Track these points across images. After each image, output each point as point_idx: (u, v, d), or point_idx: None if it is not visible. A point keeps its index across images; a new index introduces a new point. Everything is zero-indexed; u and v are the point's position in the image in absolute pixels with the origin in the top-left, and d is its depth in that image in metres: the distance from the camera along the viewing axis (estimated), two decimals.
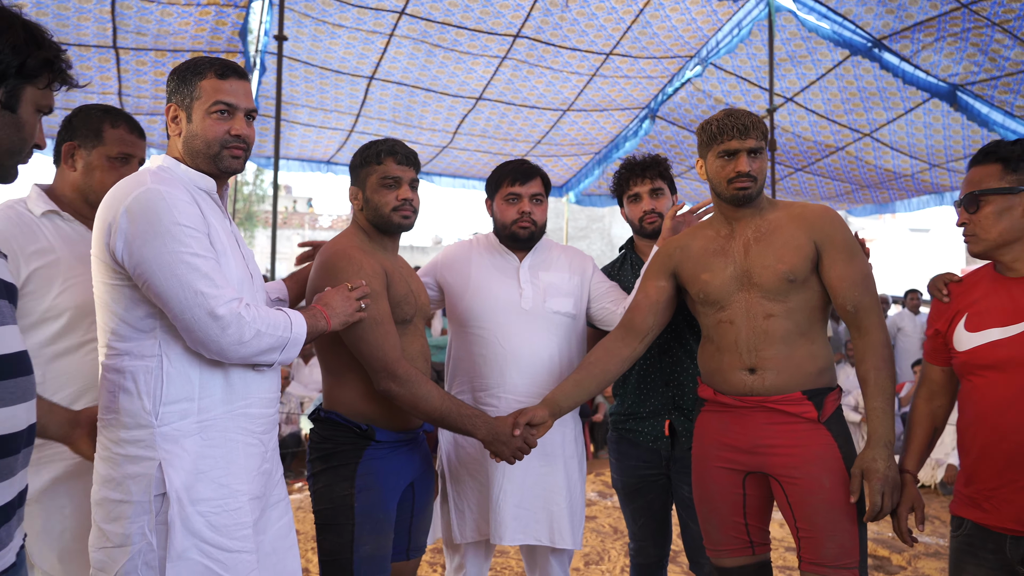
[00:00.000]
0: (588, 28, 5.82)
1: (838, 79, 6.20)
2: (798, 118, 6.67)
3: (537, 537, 2.40)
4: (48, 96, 1.40)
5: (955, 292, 2.01)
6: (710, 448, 2.19)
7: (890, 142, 6.71)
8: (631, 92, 6.67)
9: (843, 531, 2.00)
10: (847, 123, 6.60)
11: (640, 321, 2.29)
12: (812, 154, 7.07)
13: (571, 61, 6.16)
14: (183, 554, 1.58)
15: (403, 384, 2.03)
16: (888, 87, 6.18)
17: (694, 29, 5.96)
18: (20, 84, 1.34)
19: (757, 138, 2.15)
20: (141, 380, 1.63)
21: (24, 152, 1.40)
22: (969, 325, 1.88)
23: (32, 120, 1.39)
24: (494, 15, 5.64)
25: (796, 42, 6.01)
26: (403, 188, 2.20)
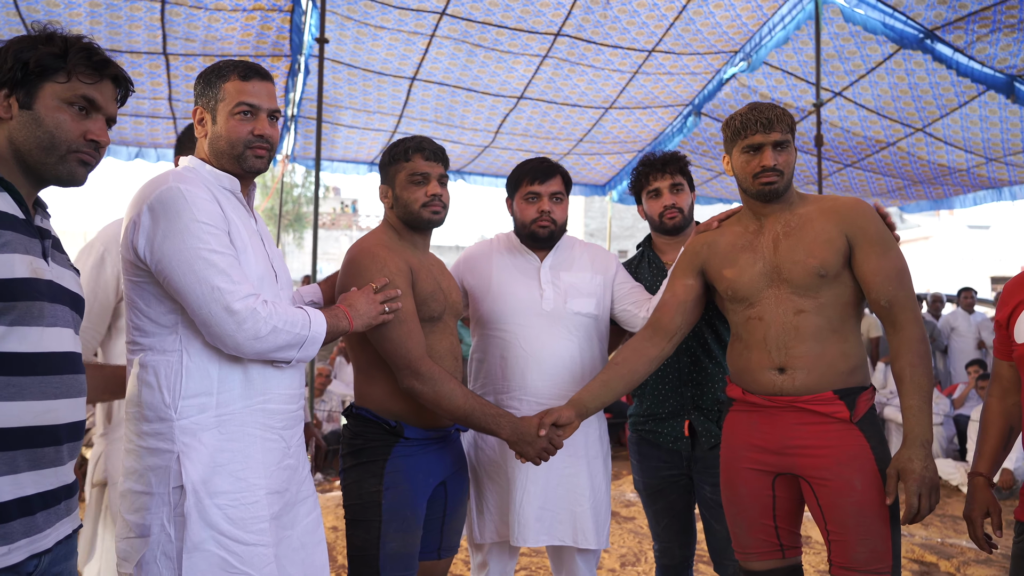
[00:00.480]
0: (630, 25, 5.78)
1: (888, 73, 6.05)
2: (847, 113, 6.52)
3: (560, 538, 2.40)
4: (75, 87, 1.46)
5: (1013, 284, 1.99)
6: (739, 449, 2.16)
7: (944, 136, 6.52)
8: (674, 89, 6.61)
9: (875, 534, 1.96)
10: (898, 118, 6.44)
11: (668, 320, 2.27)
12: (862, 149, 6.91)
13: (613, 58, 6.13)
14: (200, 545, 1.62)
15: (426, 382, 2.05)
16: (941, 80, 6.01)
17: (739, 25, 5.88)
18: (36, 83, 1.43)
19: (783, 131, 2.11)
20: (162, 374, 1.68)
21: (61, 149, 1.46)
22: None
23: (55, 115, 1.45)
24: (535, 14, 5.64)
25: (844, 36, 5.88)
26: (432, 184, 2.22)
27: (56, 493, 1.45)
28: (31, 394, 1.38)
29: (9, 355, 1.36)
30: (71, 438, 1.48)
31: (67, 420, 1.46)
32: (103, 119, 1.53)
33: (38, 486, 1.40)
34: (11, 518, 1.35)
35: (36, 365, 1.39)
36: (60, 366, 1.45)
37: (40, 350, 1.40)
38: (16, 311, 1.36)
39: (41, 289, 1.42)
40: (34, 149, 1.46)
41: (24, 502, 1.37)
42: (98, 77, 1.50)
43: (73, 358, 1.49)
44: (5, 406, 1.35)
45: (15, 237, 1.39)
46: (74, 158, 1.49)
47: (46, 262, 1.47)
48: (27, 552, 1.39)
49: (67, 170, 1.49)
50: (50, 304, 1.44)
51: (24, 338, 1.37)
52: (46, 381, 1.41)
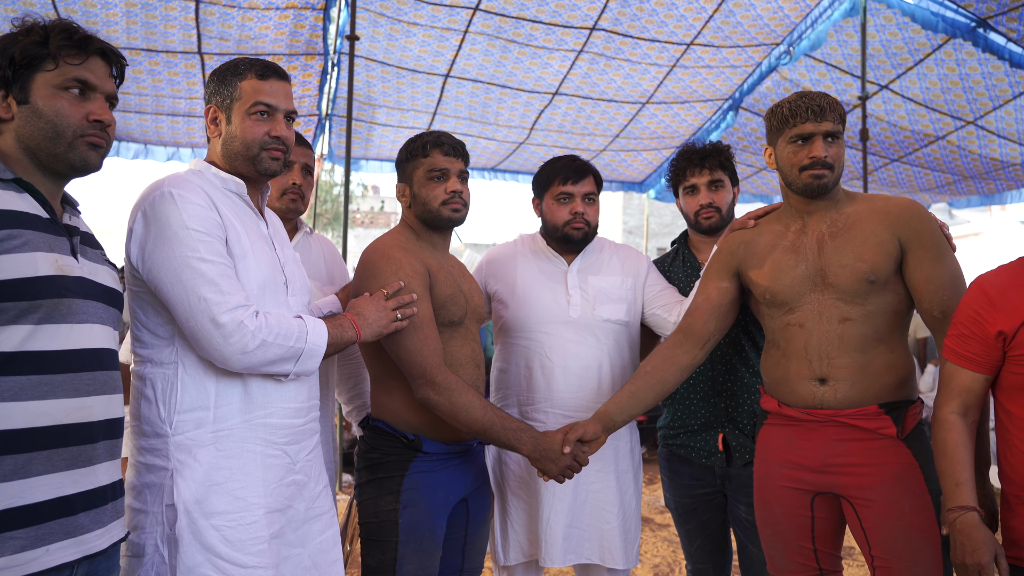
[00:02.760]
0: (668, 18, 5.64)
1: (938, 65, 5.81)
2: (894, 106, 6.29)
3: (588, 557, 2.29)
4: (65, 71, 1.45)
5: (1010, 289, 1.74)
6: (774, 466, 2.03)
7: (997, 129, 6.25)
8: (713, 83, 6.44)
9: (925, 562, 1.81)
10: (948, 111, 6.18)
11: (700, 326, 2.14)
12: (909, 144, 6.66)
13: (650, 53, 5.98)
14: (195, 569, 1.56)
15: (442, 392, 1.95)
16: (994, 71, 5.75)
17: (781, 16, 5.70)
18: (28, 76, 1.43)
19: (834, 121, 1.96)
20: (159, 388, 1.62)
21: (67, 136, 1.45)
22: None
23: (52, 102, 1.44)
24: (570, 8, 5.52)
25: (891, 29, 5.66)
26: (452, 180, 2.12)
27: (101, 492, 1.45)
28: (63, 392, 1.39)
29: (38, 353, 1.36)
30: (108, 436, 1.49)
31: (102, 417, 1.46)
32: (102, 97, 1.51)
33: (77, 485, 1.40)
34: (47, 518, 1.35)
35: (67, 362, 1.40)
36: (92, 363, 1.45)
37: (70, 347, 1.41)
38: (43, 309, 1.36)
39: (69, 286, 1.42)
40: (41, 141, 1.45)
41: (64, 502, 1.37)
42: (84, 55, 1.48)
43: (106, 354, 1.49)
44: (37, 405, 1.35)
45: (36, 236, 1.39)
46: (82, 143, 1.48)
47: (75, 259, 1.47)
48: (76, 553, 1.39)
49: (78, 156, 1.47)
50: (81, 300, 1.44)
51: (53, 336, 1.38)
52: (78, 378, 1.41)
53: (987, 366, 1.75)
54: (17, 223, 1.37)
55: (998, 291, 1.72)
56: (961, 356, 1.78)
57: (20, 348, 1.34)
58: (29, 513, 1.33)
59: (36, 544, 1.33)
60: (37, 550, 1.33)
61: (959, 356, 1.78)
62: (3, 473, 1.31)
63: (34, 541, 1.33)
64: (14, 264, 1.34)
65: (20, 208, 1.39)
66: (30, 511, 1.33)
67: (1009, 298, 1.71)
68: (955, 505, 1.69)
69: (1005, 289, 1.72)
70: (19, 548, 1.32)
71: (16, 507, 1.32)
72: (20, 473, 1.33)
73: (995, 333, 1.72)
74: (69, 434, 1.39)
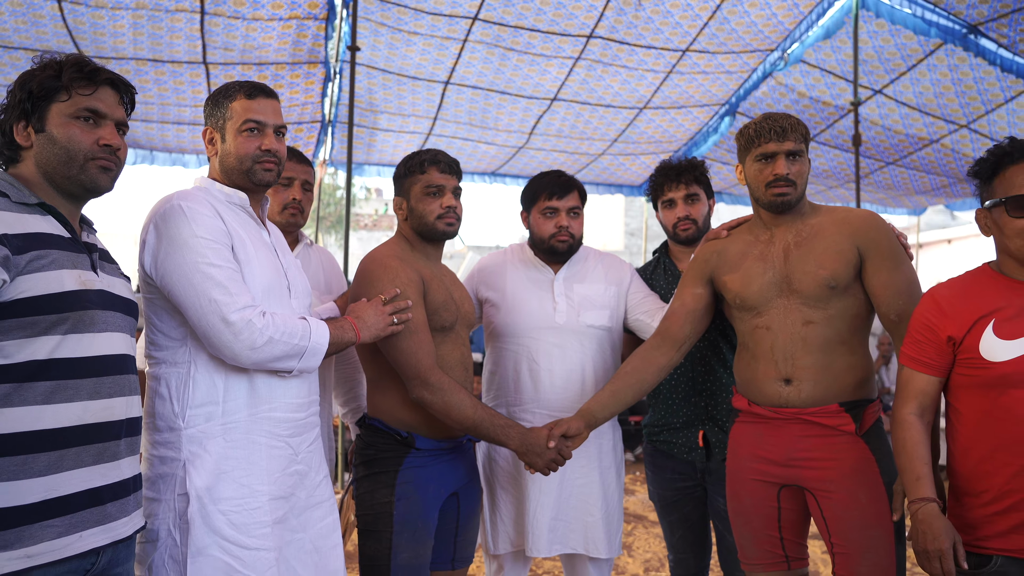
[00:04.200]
0: (663, 26, 5.78)
1: (930, 70, 5.95)
2: (888, 111, 6.42)
3: (572, 547, 2.45)
4: (76, 101, 1.61)
5: (958, 297, 1.88)
6: (744, 460, 2.19)
7: (990, 133, 6.38)
8: (710, 88, 6.58)
9: (880, 549, 1.97)
10: (942, 115, 6.32)
11: (677, 329, 2.30)
12: (904, 147, 6.80)
13: (646, 59, 6.13)
14: (204, 550, 1.72)
15: (435, 392, 2.11)
16: (986, 76, 5.89)
17: (775, 23, 5.84)
18: (44, 107, 1.59)
19: (796, 141, 2.12)
20: (173, 385, 1.78)
21: (79, 160, 1.60)
22: (1001, 332, 1.79)
23: (66, 130, 1.60)
24: (567, 16, 5.67)
25: (883, 35, 5.80)
26: (447, 196, 2.28)
27: (124, 484, 1.62)
28: (88, 394, 1.55)
29: (67, 360, 1.52)
30: (129, 433, 1.66)
31: (123, 416, 1.63)
32: (112, 124, 1.66)
33: (105, 478, 1.57)
34: (78, 508, 1.51)
35: (91, 368, 1.56)
36: (113, 367, 1.61)
37: (93, 354, 1.56)
38: (70, 321, 1.52)
39: (91, 299, 1.57)
40: (56, 166, 1.60)
41: (94, 493, 1.54)
42: (94, 86, 1.64)
43: (125, 360, 1.66)
44: (66, 407, 1.51)
45: (62, 254, 1.55)
46: (93, 166, 1.63)
47: (96, 273, 1.63)
48: (105, 539, 1.56)
49: (89, 178, 1.63)
50: (102, 311, 1.60)
51: (78, 344, 1.53)
52: (100, 382, 1.57)
53: (939, 369, 1.90)
54: (44, 244, 1.53)
55: (948, 301, 1.88)
56: (917, 361, 1.93)
57: (51, 356, 1.50)
58: (63, 504, 1.50)
59: (71, 531, 1.50)
60: (71, 536, 1.50)
61: (915, 361, 1.93)
62: (39, 468, 1.47)
63: (68, 528, 1.50)
64: (44, 281, 1.50)
65: (45, 230, 1.55)
66: (64, 502, 1.50)
67: (957, 307, 1.86)
68: (916, 497, 1.83)
69: (954, 299, 1.87)
70: (56, 535, 1.48)
71: (52, 498, 1.48)
72: (54, 468, 1.49)
73: (946, 339, 1.86)
74: (95, 432, 1.56)
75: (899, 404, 1.94)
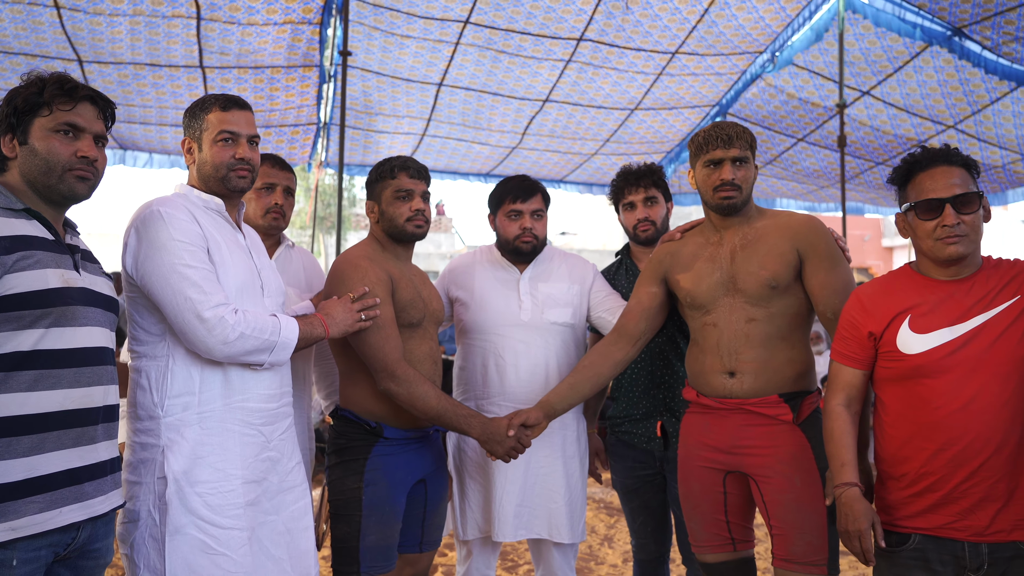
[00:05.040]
0: (652, 29, 5.92)
1: (916, 71, 6.07)
2: (876, 111, 6.55)
3: (537, 532, 2.61)
4: (57, 116, 1.77)
5: (879, 296, 2.03)
6: (693, 448, 2.35)
7: (977, 133, 6.50)
8: (700, 89, 6.72)
9: (813, 529, 2.12)
10: (928, 115, 6.44)
11: (633, 326, 2.46)
12: (892, 147, 6.92)
13: (636, 61, 6.27)
14: (181, 529, 1.88)
15: (401, 384, 2.27)
16: (971, 77, 6.01)
17: (762, 26, 5.97)
18: (28, 121, 1.76)
19: (742, 148, 2.27)
20: (152, 377, 1.95)
21: (57, 170, 1.76)
22: (916, 327, 1.94)
23: (46, 143, 1.76)
24: (557, 20, 5.82)
25: (870, 38, 5.93)
26: (416, 199, 2.45)
27: (101, 466, 1.79)
28: (68, 383, 1.71)
29: (49, 352, 1.69)
30: (107, 419, 1.82)
31: (101, 404, 1.79)
32: (90, 137, 1.82)
33: (83, 460, 1.73)
34: (59, 486, 1.69)
35: (72, 359, 1.72)
36: (93, 359, 1.77)
37: (74, 346, 1.73)
38: (52, 315, 1.69)
39: (73, 295, 1.74)
40: (38, 175, 1.77)
41: (72, 473, 1.71)
42: (73, 102, 1.80)
43: (104, 352, 1.82)
44: (48, 394, 1.68)
45: (46, 255, 1.72)
46: (70, 176, 1.79)
47: (78, 272, 1.79)
48: (79, 515, 1.72)
49: (67, 187, 1.79)
50: (83, 307, 1.76)
51: (60, 337, 1.70)
52: (80, 372, 1.74)
53: (863, 363, 2.05)
54: (29, 245, 1.70)
55: (870, 298, 2.03)
56: (844, 355, 2.08)
57: (34, 348, 1.67)
58: (44, 482, 1.66)
59: (51, 507, 1.67)
60: (52, 512, 1.66)
61: (842, 355, 2.08)
62: (22, 450, 1.64)
63: (49, 504, 1.67)
64: (29, 279, 1.67)
65: (31, 233, 1.72)
66: (45, 480, 1.66)
67: (878, 304, 2.01)
68: (840, 482, 1.99)
69: (875, 297, 2.03)
70: (37, 510, 1.65)
71: (34, 477, 1.65)
72: (36, 450, 1.66)
73: (867, 334, 2.02)
74: (75, 418, 1.72)
75: (828, 396, 2.09)
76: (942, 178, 1.90)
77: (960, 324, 1.89)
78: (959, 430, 1.86)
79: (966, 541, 1.88)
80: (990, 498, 1.85)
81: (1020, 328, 1.87)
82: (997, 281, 1.92)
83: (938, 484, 1.89)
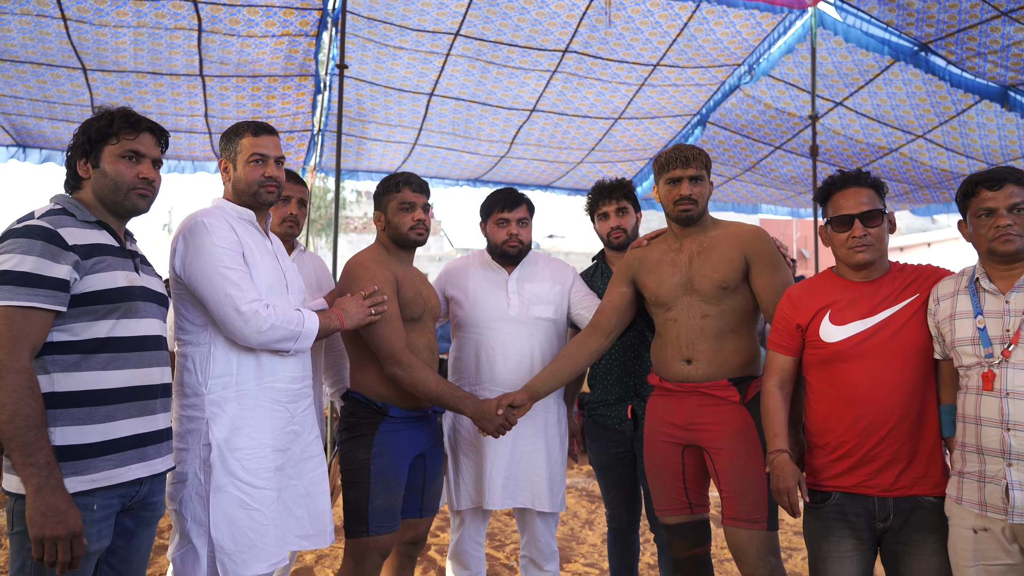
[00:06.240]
0: (634, 41, 6.35)
1: (886, 84, 6.52)
2: (849, 121, 7.00)
3: (522, 502, 3.04)
4: (123, 144, 2.19)
5: (805, 294, 2.47)
6: (656, 426, 2.78)
7: (944, 143, 6.96)
8: (681, 100, 7.16)
9: (755, 492, 2.57)
10: (899, 125, 6.90)
11: (605, 321, 2.90)
12: (865, 155, 7.39)
13: (619, 72, 6.69)
14: (222, 488, 2.30)
15: (405, 369, 2.70)
16: (937, 90, 6.46)
17: (740, 40, 6.41)
18: (99, 148, 2.17)
19: (697, 167, 2.72)
20: (197, 361, 2.37)
21: (124, 189, 2.18)
22: (835, 320, 2.39)
23: (114, 167, 2.18)
24: (543, 33, 6.23)
25: (842, 52, 6.37)
26: (417, 211, 2.88)
27: (160, 433, 2.22)
28: (133, 364, 2.13)
29: (118, 339, 2.11)
30: (163, 395, 2.25)
31: (159, 382, 2.23)
32: (149, 161, 2.25)
33: (146, 427, 2.16)
34: (128, 448, 2.11)
35: (135, 344, 2.14)
36: (151, 344, 2.20)
37: (137, 334, 2.15)
38: (121, 309, 2.11)
39: (136, 293, 2.17)
40: (107, 193, 2.20)
41: (138, 438, 2.14)
42: (136, 132, 2.22)
43: (159, 339, 2.26)
44: (118, 373, 2.10)
45: (114, 259, 2.15)
46: (134, 194, 2.21)
47: (138, 273, 2.22)
48: (143, 472, 2.15)
49: (131, 203, 2.22)
50: (143, 303, 2.19)
51: (127, 327, 2.12)
52: (142, 356, 2.16)
53: (793, 351, 2.50)
54: (102, 252, 2.11)
55: (798, 297, 2.49)
56: (777, 344, 2.53)
57: (108, 335, 2.09)
58: (116, 444, 2.08)
59: (121, 464, 2.09)
60: (122, 468, 2.08)
61: (776, 344, 2.53)
62: (99, 417, 2.06)
63: (120, 462, 2.08)
64: (103, 279, 2.09)
65: (103, 241, 2.14)
66: (117, 443, 2.08)
67: (805, 301, 2.46)
68: (773, 449, 2.43)
69: (802, 295, 2.48)
70: (112, 467, 2.07)
71: (108, 440, 2.07)
72: (110, 418, 2.08)
73: (795, 326, 2.46)
74: (138, 393, 2.14)
75: (764, 379, 2.55)
76: (853, 197, 2.36)
77: (870, 317, 2.34)
78: (869, 405, 2.31)
79: (876, 496, 2.32)
80: (895, 460, 2.30)
81: (918, 320, 2.33)
82: (901, 282, 2.38)
83: (853, 450, 2.34)
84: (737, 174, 7.98)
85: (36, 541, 1.90)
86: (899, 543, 2.30)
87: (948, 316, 2.26)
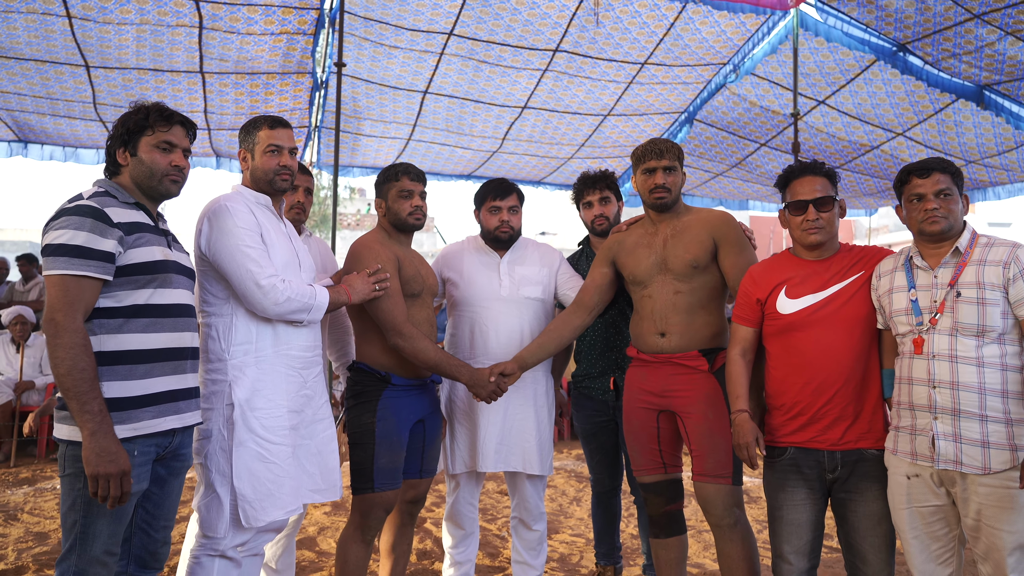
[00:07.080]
0: (622, 41, 6.69)
1: (867, 83, 6.86)
2: (831, 119, 7.35)
3: (513, 465, 3.38)
4: (158, 135, 2.51)
5: (764, 271, 2.82)
6: (634, 393, 3.13)
7: (923, 140, 7.31)
8: (668, 97, 7.50)
9: (720, 451, 2.91)
10: (879, 123, 7.24)
11: (588, 299, 3.24)
12: (847, 152, 7.75)
13: (608, 71, 7.03)
14: (243, 443, 2.63)
15: (406, 340, 3.04)
16: (916, 89, 6.80)
17: (725, 39, 6.74)
18: (136, 138, 2.50)
19: (671, 159, 3.06)
20: (220, 330, 2.70)
21: (158, 175, 2.51)
22: (790, 294, 2.74)
23: (150, 155, 2.50)
24: (534, 32, 6.55)
25: (823, 52, 6.71)
26: (415, 198, 3.22)
27: (189, 391, 2.55)
28: (168, 328, 2.47)
29: (156, 305, 2.44)
30: (193, 357, 2.58)
31: (189, 345, 2.56)
32: (180, 151, 2.58)
33: (180, 384, 2.49)
34: (163, 401, 2.44)
35: (170, 311, 2.47)
36: (182, 312, 2.53)
37: (171, 302, 2.48)
38: (158, 280, 2.44)
39: (170, 266, 2.50)
40: (143, 179, 2.53)
41: (172, 393, 2.47)
42: (169, 125, 2.55)
43: (189, 308, 2.59)
44: (156, 335, 2.43)
45: (152, 236, 2.48)
46: (167, 180, 2.55)
47: (170, 249, 2.55)
48: (176, 424, 2.47)
49: (164, 188, 2.56)
50: (176, 275, 2.52)
51: (163, 295, 2.46)
52: (176, 321, 2.50)
53: (753, 322, 2.84)
54: (141, 229, 2.44)
55: (759, 274, 2.84)
56: (740, 317, 2.88)
57: (147, 302, 2.41)
58: (154, 398, 2.40)
59: (158, 416, 2.41)
60: (158, 419, 2.41)
61: (739, 317, 2.89)
62: (139, 374, 2.38)
63: (157, 414, 2.41)
64: (143, 253, 2.41)
65: (141, 220, 2.46)
66: (155, 397, 2.40)
67: (764, 277, 2.82)
68: (735, 410, 2.78)
69: (762, 272, 2.84)
70: (150, 417, 2.39)
71: (147, 394, 2.39)
72: (148, 375, 2.40)
73: (755, 300, 2.82)
74: (173, 354, 2.47)
75: (729, 348, 2.91)
76: (808, 184, 2.72)
77: (821, 291, 2.70)
78: (819, 368, 2.66)
79: (826, 450, 2.67)
80: (842, 418, 2.65)
81: (863, 294, 2.68)
82: (849, 261, 2.73)
83: (805, 409, 2.69)
84: (724, 170, 8.33)
85: (91, 478, 2.22)
86: (846, 491, 2.66)
87: (888, 290, 2.62)
